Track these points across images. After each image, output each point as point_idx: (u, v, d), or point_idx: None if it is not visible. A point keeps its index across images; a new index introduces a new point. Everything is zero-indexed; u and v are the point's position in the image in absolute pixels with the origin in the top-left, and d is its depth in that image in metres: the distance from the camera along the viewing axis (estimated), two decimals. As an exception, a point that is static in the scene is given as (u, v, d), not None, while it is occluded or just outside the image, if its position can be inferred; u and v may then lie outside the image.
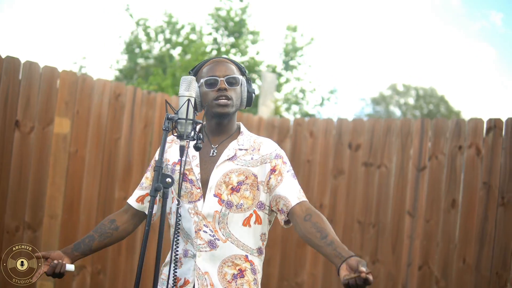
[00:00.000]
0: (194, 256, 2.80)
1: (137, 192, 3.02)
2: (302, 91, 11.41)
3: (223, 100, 2.82)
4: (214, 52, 11.64)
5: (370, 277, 2.27)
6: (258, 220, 2.85)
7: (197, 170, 2.83)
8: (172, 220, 2.92)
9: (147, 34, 12.77)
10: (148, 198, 2.96)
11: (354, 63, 45.67)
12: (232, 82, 2.86)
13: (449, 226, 5.44)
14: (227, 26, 11.46)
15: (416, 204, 5.63)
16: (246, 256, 2.82)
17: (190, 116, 2.55)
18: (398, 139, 5.81)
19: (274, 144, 2.95)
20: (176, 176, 2.85)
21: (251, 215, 2.83)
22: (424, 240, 5.53)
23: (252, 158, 2.86)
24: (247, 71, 3.05)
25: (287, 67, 11.59)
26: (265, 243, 2.92)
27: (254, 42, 11.77)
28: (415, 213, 5.62)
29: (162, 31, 12.65)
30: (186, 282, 2.81)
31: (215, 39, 11.83)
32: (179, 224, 2.82)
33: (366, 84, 47.58)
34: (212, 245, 2.77)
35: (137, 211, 3.01)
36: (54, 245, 5.08)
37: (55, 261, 2.89)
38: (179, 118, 2.55)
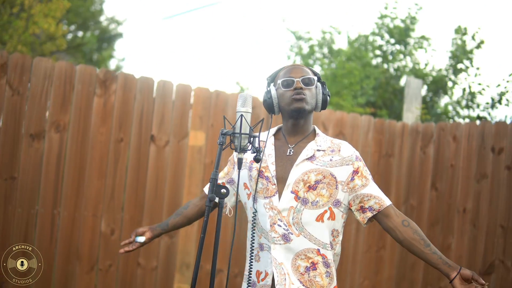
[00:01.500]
0: (269, 248, 3.00)
1: None
2: (471, 93, 11.11)
3: (299, 96, 3.01)
4: (379, 59, 11.63)
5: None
6: (332, 216, 3.01)
7: (272, 168, 3.03)
8: (249, 215, 3.13)
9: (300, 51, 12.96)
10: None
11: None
12: (307, 82, 3.06)
13: None
14: (393, 34, 11.40)
15: (561, 207, 5.42)
16: (318, 250, 2.99)
17: (245, 130, 2.72)
18: (541, 141, 5.61)
19: (352, 147, 3.12)
20: (254, 173, 3.07)
21: (325, 211, 2.99)
22: None
23: (331, 159, 3.03)
24: (321, 77, 3.21)
25: (455, 71, 11.32)
26: (337, 239, 3.07)
27: (420, 47, 11.62)
28: (560, 217, 5.41)
29: (321, 46, 12.77)
30: (267, 274, 3.02)
31: (380, 46, 11.81)
32: (254, 222, 3.02)
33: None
34: (286, 238, 2.97)
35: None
36: (191, 250, 5.40)
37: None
38: (233, 133, 2.72)
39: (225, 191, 2.67)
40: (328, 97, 3.16)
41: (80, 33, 18.66)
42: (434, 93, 10.89)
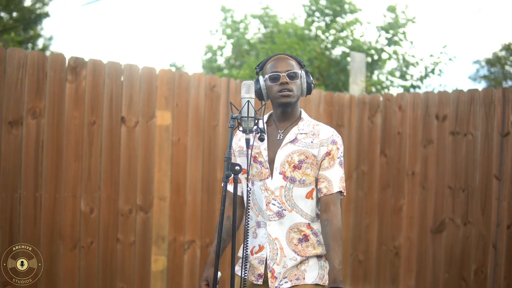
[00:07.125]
0: (266, 225, 3.30)
1: None
2: (406, 64, 11.59)
3: (286, 92, 3.28)
4: (310, 32, 11.97)
5: None
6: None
7: (265, 153, 3.31)
8: (245, 197, 3.41)
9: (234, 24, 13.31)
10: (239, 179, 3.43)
11: (461, 25, 43.72)
12: (292, 76, 3.30)
13: (534, 187, 5.69)
14: (322, 9, 11.82)
15: (502, 168, 5.88)
16: (308, 223, 3.30)
17: (251, 114, 3.03)
18: (482, 108, 6.07)
19: (331, 130, 3.39)
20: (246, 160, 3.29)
21: (313, 189, 3.30)
22: None
23: (312, 142, 3.31)
24: (305, 65, 3.49)
25: (390, 43, 11.76)
26: (318, 208, 3.37)
27: (350, 24, 12.03)
28: (502, 177, 5.87)
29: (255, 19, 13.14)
30: (261, 248, 3.32)
31: (312, 21, 12.18)
32: (249, 201, 3.31)
33: (478, 46, 45.68)
34: (280, 215, 3.27)
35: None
36: (164, 224, 5.73)
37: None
38: (241, 117, 3.03)
39: (238, 168, 2.98)
40: (312, 85, 3.44)
41: (2, 14, 18.55)
42: (368, 65, 11.33)
